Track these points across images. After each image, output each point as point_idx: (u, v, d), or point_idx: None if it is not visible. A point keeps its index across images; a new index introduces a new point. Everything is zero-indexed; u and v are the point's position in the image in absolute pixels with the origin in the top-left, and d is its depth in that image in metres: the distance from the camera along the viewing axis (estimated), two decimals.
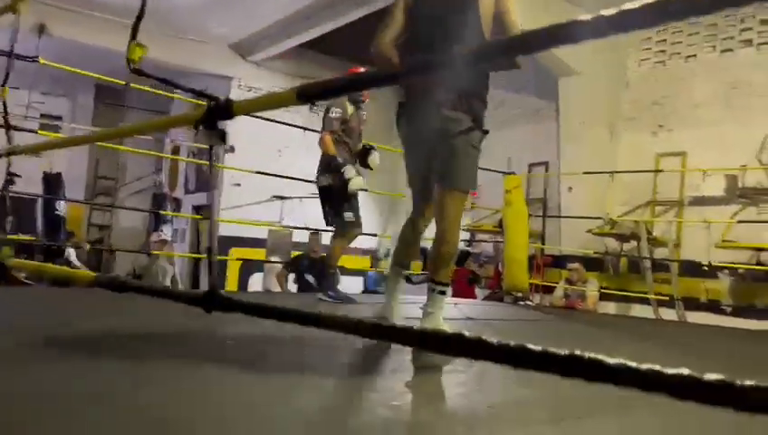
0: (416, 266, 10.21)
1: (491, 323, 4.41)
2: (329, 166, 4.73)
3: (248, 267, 9.98)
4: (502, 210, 6.54)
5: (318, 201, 4.97)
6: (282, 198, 10.52)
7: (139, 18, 1.05)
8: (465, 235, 9.88)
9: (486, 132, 2.65)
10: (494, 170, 7.13)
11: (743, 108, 7.32)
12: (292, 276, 6.99)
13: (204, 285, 10.42)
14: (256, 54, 10.03)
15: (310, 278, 6.66)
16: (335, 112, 4.76)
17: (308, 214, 10.04)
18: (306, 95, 0.91)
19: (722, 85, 7.55)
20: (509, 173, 6.70)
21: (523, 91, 9.77)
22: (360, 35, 9.24)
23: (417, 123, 2.64)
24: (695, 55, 7.86)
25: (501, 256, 7.17)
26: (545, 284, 7.85)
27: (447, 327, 2.48)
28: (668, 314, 6.91)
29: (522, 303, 6.41)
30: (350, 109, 4.85)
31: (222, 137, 1.07)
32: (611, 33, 0.70)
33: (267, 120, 6.69)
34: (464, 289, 7.84)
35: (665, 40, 8.17)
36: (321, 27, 8.96)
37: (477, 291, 8.40)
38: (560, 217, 8.07)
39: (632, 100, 8.35)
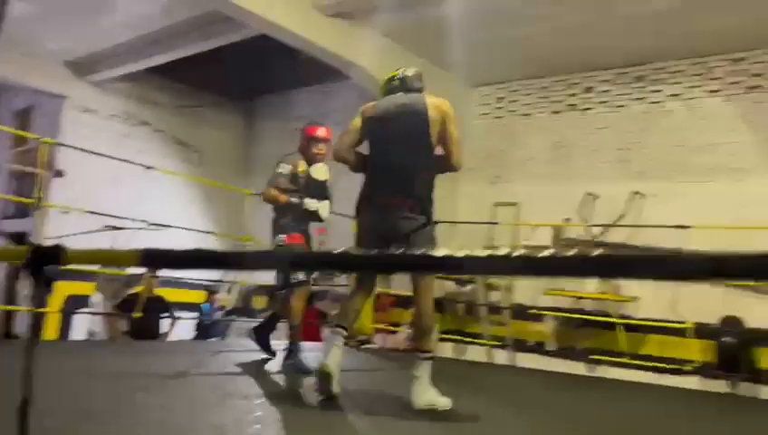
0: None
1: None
2: (281, 226, 4.40)
3: (73, 303, 9.13)
4: None
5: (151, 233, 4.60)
6: (116, 228, 9.81)
7: None
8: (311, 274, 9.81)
9: (436, 223, 3.35)
10: (344, 214, 7.19)
11: (567, 166, 8.05)
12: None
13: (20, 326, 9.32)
14: (96, 75, 9.39)
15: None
16: (283, 168, 4.42)
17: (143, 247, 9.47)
18: (150, 258, 0.77)
19: (550, 144, 8.26)
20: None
21: None
22: (208, 65, 9.10)
23: (381, 218, 3.22)
24: (529, 114, 8.55)
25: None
26: (389, 328, 7.99)
27: (435, 391, 3.11)
28: (500, 355, 7.31)
29: (365, 346, 6.46)
30: (302, 165, 4.49)
31: (48, 283, 0.91)
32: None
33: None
34: (311, 331, 7.74)
35: (503, 97, 8.81)
36: (169, 54, 8.60)
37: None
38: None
39: (472, 151, 8.83)
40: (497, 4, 6.71)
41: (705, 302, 6.25)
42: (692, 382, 6.20)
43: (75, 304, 9.01)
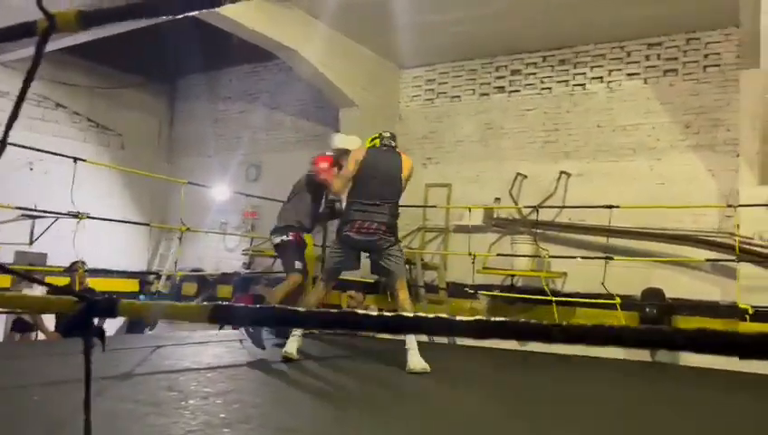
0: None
1: (282, 366, 4.39)
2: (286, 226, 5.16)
3: None
4: None
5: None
6: (32, 216, 9.29)
7: None
8: (244, 258, 9.69)
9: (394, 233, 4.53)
10: (281, 200, 7.11)
11: (496, 147, 8.27)
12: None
13: None
14: (5, 54, 8.79)
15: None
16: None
17: (63, 234, 9.00)
18: (221, 314, 0.72)
19: (480, 126, 8.45)
20: None
21: (302, 117, 9.92)
22: (127, 45, 8.69)
23: (364, 237, 4.37)
24: (459, 97, 8.70)
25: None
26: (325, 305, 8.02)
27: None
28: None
29: (307, 332, 6.46)
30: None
31: (101, 335, 0.86)
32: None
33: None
34: None
35: (433, 80, 8.92)
36: (87, 34, 8.15)
37: None
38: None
39: (404, 133, 8.93)
40: None
41: (628, 275, 6.64)
42: (617, 352, 6.58)
43: None
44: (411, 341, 4.20)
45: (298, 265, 5.07)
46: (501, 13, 7.19)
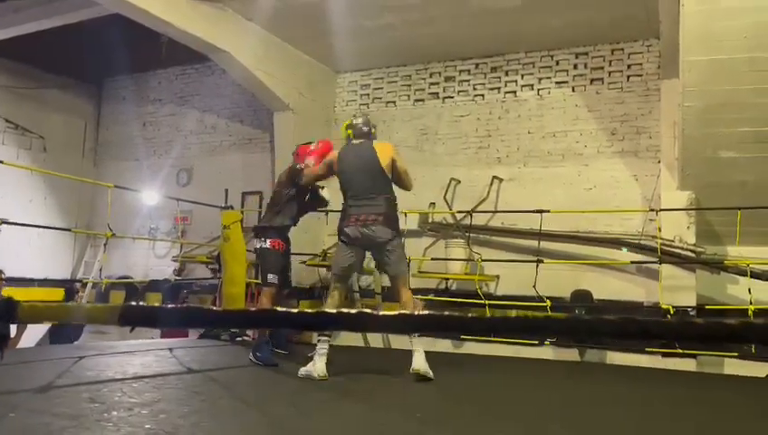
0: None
1: (213, 375, 4.29)
2: (263, 230, 5.05)
3: None
4: (219, 245, 6.39)
5: None
6: None
7: None
8: (174, 265, 9.41)
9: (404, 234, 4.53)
10: (213, 205, 6.97)
11: (431, 152, 8.35)
12: None
13: None
14: None
15: None
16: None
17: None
18: (132, 316, 0.69)
19: (414, 131, 8.52)
20: (227, 208, 6.59)
21: (235, 120, 9.75)
22: (50, 44, 8.33)
23: (361, 230, 4.22)
24: (393, 102, 8.74)
25: (219, 289, 7.01)
26: None
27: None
28: (375, 339, 7.46)
29: (239, 339, 6.33)
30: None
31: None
32: None
33: None
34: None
35: (369, 85, 8.93)
36: (5, 31, 7.79)
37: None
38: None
39: (340, 137, 8.89)
40: None
41: (558, 278, 6.81)
42: (548, 353, 6.75)
43: None
44: (418, 342, 4.18)
45: (270, 277, 4.93)
46: (434, 19, 7.27)
